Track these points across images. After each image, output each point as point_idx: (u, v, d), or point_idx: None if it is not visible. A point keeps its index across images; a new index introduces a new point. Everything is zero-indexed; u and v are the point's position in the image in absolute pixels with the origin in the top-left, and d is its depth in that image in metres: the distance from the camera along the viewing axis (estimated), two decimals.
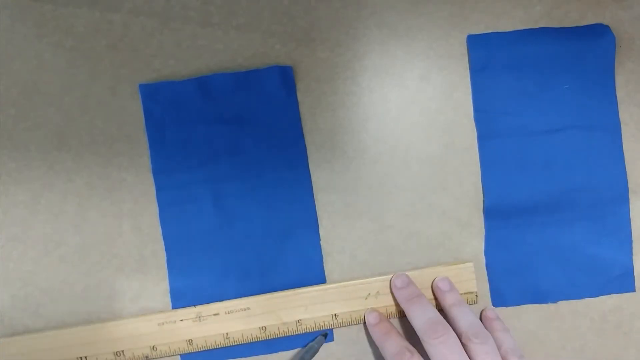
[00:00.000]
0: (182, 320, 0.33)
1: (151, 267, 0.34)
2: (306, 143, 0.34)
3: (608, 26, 0.35)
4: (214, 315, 0.33)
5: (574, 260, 0.35)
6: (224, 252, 0.34)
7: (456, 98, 0.35)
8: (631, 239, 0.35)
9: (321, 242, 0.34)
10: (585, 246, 0.35)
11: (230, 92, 0.34)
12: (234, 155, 0.34)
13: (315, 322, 0.34)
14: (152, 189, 0.34)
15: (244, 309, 0.33)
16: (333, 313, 0.34)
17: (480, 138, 0.35)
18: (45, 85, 0.33)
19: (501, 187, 0.35)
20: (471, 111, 0.35)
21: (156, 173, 0.34)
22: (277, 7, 0.34)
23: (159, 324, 0.33)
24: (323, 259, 0.34)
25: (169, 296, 0.34)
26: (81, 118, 0.34)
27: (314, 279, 0.34)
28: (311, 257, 0.34)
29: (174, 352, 0.33)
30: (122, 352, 0.33)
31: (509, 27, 0.35)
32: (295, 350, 0.34)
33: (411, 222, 0.35)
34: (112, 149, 0.34)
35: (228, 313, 0.33)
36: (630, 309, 0.35)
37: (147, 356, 0.33)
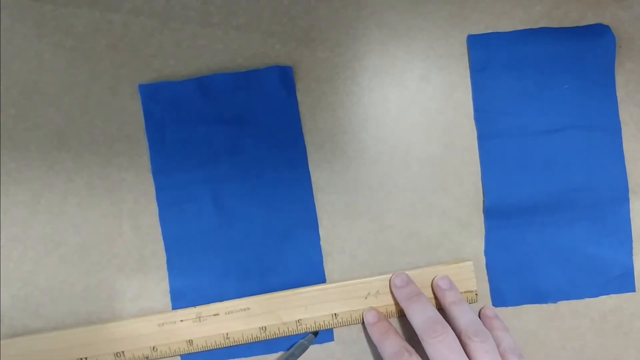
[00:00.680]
0: (182, 320, 0.33)
1: (151, 267, 0.34)
2: (306, 143, 0.34)
3: (608, 26, 0.35)
4: (214, 315, 0.33)
5: (574, 260, 0.35)
6: (224, 252, 0.34)
7: (456, 98, 0.35)
8: (631, 239, 0.35)
9: (321, 242, 0.34)
10: (585, 246, 0.35)
11: (230, 92, 0.34)
12: (234, 155, 0.34)
13: (315, 322, 0.34)
14: (152, 189, 0.34)
15: (244, 309, 0.33)
16: (333, 313, 0.34)
17: (480, 138, 0.35)
18: (45, 85, 0.33)
19: (501, 187, 0.35)
20: (471, 111, 0.35)
21: (156, 173, 0.34)
22: (277, 7, 0.34)
23: (159, 325, 0.33)
24: (323, 259, 0.34)
25: (169, 296, 0.34)
26: (81, 118, 0.34)
27: (314, 279, 0.34)
28: (311, 257, 0.34)
29: (174, 353, 0.33)
30: (122, 353, 0.33)
31: (509, 27, 0.35)
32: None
33: (411, 222, 0.35)
34: (112, 149, 0.34)
35: (228, 313, 0.33)
36: (630, 309, 0.35)
37: (147, 357, 0.33)
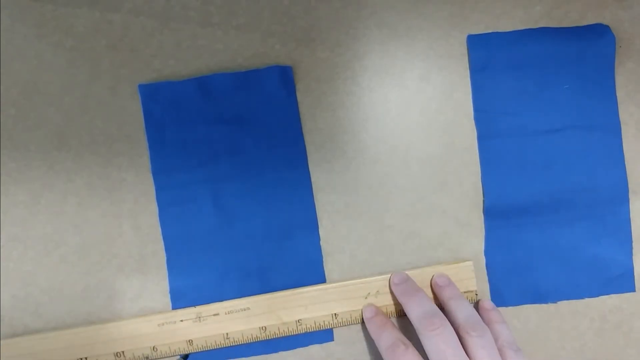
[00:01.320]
0: (182, 320, 0.33)
1: (151, 267, 0.34)
2: (306, 143, 0.34)
3: (608, 26, 0.35)
4: (214, 315, 0.33)
5: (574, 260, 0.35)
6: (224, 252, 0.34)
7: (456, 98, 0.35)
8: (631, 239, 0.35)
9: (321, 242, 0.34)
10: (585, 246, 0.35)
11: (230, 92, 0.34)
12: (234, 155, 0.34)
13: (315, 322, 0.34)
14: (152, 189, 0.34)
15: (244, 309, 0.33)
16: (333, 313, 0.34)
17: (480, 138, 0.35)
18: (45, 85, 0.33)
19: (501, 187, 0.35)
20: (471, 111, 0.35)
21: (156, 173, 0.34)
22: (277, 7, 0.34)
23: (159, 325, 0.33)
24: (323, 259, 0.34)
25: (169, 296, 0.34)
26: (81, 118, 0.34)
27: (314, 279, 0.34)
28: (311, 257, 0.34)
29: (174, 353, 0.33)
30: (123, 353, 0.33)
31: (509, 27, 0.35)
32: (289, 351, 0.34)
33: (411, 222, 0.35)
34: (112, 149, 0.34)
35: (228, 313, 0.33)
36: (630, 309, 0.35)
37: (148, 356, 0.33)
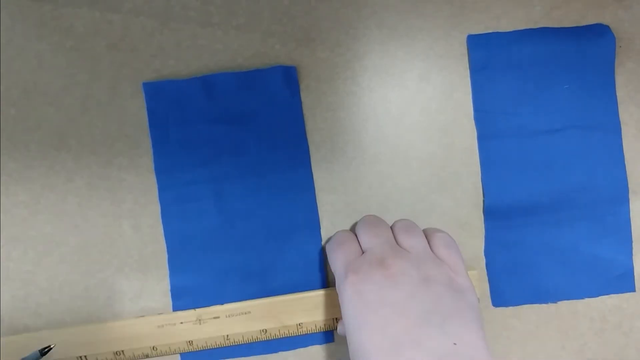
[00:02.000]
0: (182, 323, 0.33)
1: (151, 267, 0.34)
2: (309, 151, 0.34)
3: (608, 26, 0.35)
4: (214, 318, 0.33)
5: (574, 260, 0.35)
6: (225, 252, 0.34)
7: (456, 98, 0.35)
8: (631, 239, 0.35)
9: (322, 243, 0.34)
10: (585, 246, 0.35)
11: (234, 92, 0.34)
12: (237, 155, 0.34)
13: (316, 325, 0.33)
14: (153, 189, 0.34)
15: (245, 313, 0.33)
16: (334, 317, 0.34)
17: (480, 138, 0.35)
18: (45, 85, 0.33)
19: (501, 187, 0.35)
20: (471, 111, 0.35)
21: (159, 172, 0.34)
22: (277, 7, 0.34)
23: (159, 327, 0.33)
24: (324, 260, 0.34)
25: (170, 294, 0.34)
26: (81, 118, 0.34)
27: (315, 280, 0.34)
28: (312, 258, 0.34)
29: (174, 352, 0.33)
30: (122, 352, 0.33)
31: (509, 27, 0.35)
32: (289, 351, 0.34)
33: None
34: (112, 149, 0.34)
35: (228, 317, 0.33)
36: (630, 309, 0.35)
37: (147, 355, 0.33)
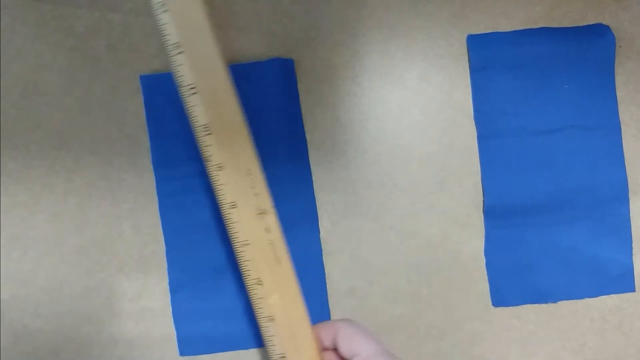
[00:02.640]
0: None
1: (151, 267, 0.34)
2: (306, 143, 0.34)
3: (608, 26, 0.35)
4: None
5: (574, 260, 0.35)
6: (223, 245, 0.34)
7: (456, 98, 0.35)
8: (631, 239, 0.35)
9: (321, 242, 0.34)
10: (585, 246, 0.35)
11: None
12: None
13: None
14: (152, 189, 0.34)
15: None
16: None
17: (480, 138, 0.35)
18: (45, 85, 0.33)
19: (501, 187, 0.35)
20: (471, 111, 0.35)
21: (156, 165, 0.34)
22: (277, 7, 0.34)
23: None
24: (323, 256, 0.34)
25: (168, 287, 0.34)
26: (81, 118, 0.34)
27: (314, 276, 0.34)
28: (311, 253, 0.34)
29: None
30: None
31: (509, 27, 0.35)
32: None
33: (411, 222, 0.35)
34: (112, 149, 0.34)
35: None
36: (630, 309, 0.35)
37: None
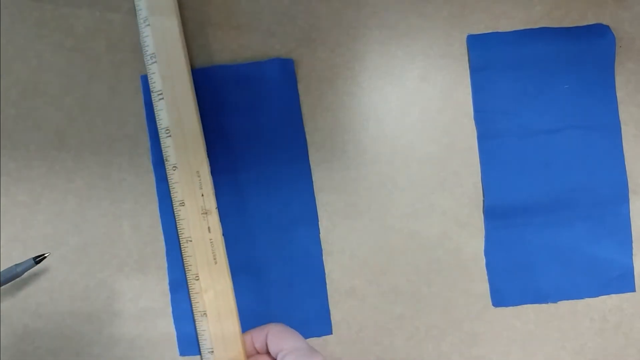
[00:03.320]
0: None
1: (151, 267, 0.34)
2: (306, 143, 0.34)
3: (608, 26, 0.35)
4: None
5: (574, 260, 0.35)
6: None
7: (456, 98, 0.35)
8: (631, 239, 0.35)
9: (321, 242, 0.34)
10: (585, 246, 0.35)
11: (231, 84, 0.34)
12: (234, 147, 0.34)
13: None
14: (152, 189, 0.34)
15: None
16: None
17: (480, 138, 0.35)
18: (45, 85, 0.33)
19: (501, 187, 0.35)
20: (471, 111, 0.35)
21: (156, 164, 0.34)
22: (277, 7, 0.34)
23: None
24: (323, 256, 0.34)
25: (168, 287, 0.34)
26: (81, 118, 0.34)
27: (313, 275, 0.34)
28: (310, 253, 0.34)
29: None
30: None
31: (509, 27, 0.35)
32: None
33: (411, 222, 0.35)
34: (112, 149, 0.34)
35: None
36: (630, 309, 0.35)
37: None
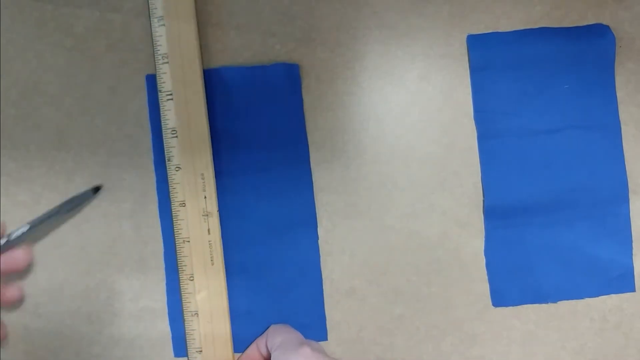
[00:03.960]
0: None
1: (151, 267, 0.34)
2: (308, 147, 0.34)
3: (608, 26, 0.35)
4: None
5: (574, 260, 0.35)
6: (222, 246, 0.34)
7: (456, 98, 0.35)
8: (631, 239, 0.35)
9: (321, 242, 0.34)
10: (585, 246, 0.35)
11: (235, 87, 0.34)
12: (236, 150, 0.34)
13: None
14: (152, 190, 0.34)
15: None
16: None
17: (480, 138, 0.35)
18: (45, 85, 0.33)
19: (501, 187, 0.35)
20: (471, 111, 0.35)
21: (158, 164, 0.34)
22: (277, 7, 0.34)
23: None
24: (321, 258, 0.34)
25: (165, 290, 0.34)
26: (81, 118, 0.34)
27: (311, 277, 0.34)
28: (309, 255, 0.34)
29: None
30: None
31: (509, 27, 0.35)
32: None
33: (411, 222, 0.35)
34: (112, 149, 0.34)
35: None
36: (630, 309, 0.35)
37: None
